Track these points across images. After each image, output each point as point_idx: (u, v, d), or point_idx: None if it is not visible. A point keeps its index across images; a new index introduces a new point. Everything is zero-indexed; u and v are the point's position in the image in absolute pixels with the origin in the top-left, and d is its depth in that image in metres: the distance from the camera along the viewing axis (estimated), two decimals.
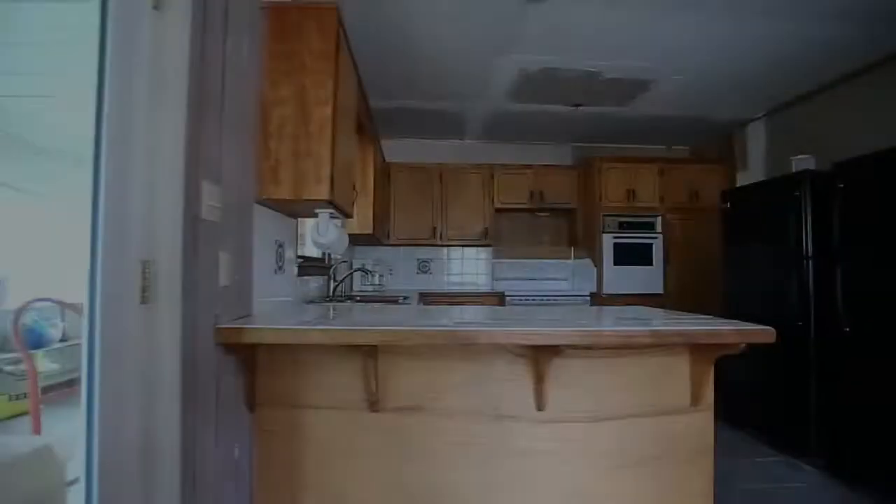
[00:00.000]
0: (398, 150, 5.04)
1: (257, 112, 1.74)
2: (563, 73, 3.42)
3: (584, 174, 4.84)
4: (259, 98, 1.75)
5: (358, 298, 3.21)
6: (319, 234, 2.13)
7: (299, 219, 2.53)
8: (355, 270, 4.27)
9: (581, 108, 4.13)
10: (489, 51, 3.12)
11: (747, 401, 3.31)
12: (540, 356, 1.54)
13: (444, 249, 5.12)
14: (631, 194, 4.58)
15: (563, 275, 5.09)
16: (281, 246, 2.08)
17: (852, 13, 2.64)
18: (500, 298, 4.50)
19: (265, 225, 1.87)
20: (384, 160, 4.63)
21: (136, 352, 1.05)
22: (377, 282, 4.44)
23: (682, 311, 2.11)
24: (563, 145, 5.31)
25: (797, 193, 2.91)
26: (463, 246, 5.03)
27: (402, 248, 5.04)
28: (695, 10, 2.62)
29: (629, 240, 4.51)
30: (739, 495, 2.40)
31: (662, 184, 4.63)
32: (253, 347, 1.53)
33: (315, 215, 2.13)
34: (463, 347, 1.61)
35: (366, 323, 1.43)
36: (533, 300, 4.48)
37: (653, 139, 5.10)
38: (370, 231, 3.49)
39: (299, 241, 2.61)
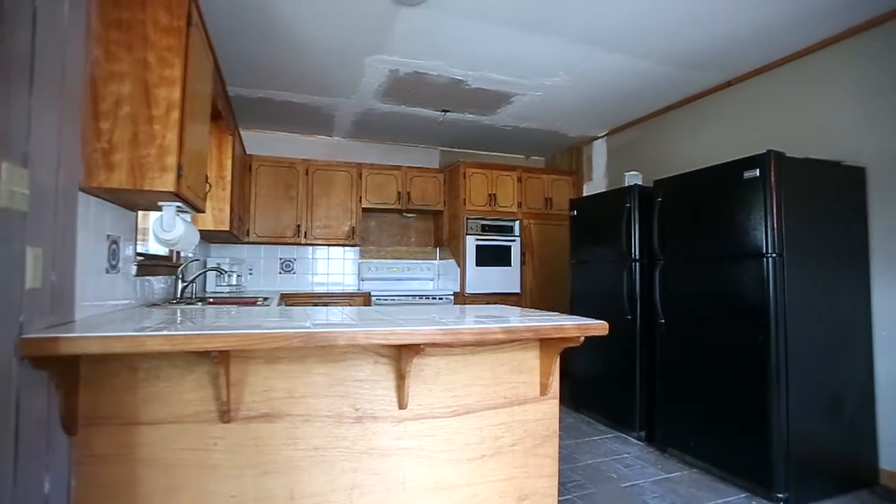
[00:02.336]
0: (262, 142, 4.75)
1: (85, 86, 1.50)
2: (431, 78, 3.52)
3: (450, 178, 5.03)
4: (87, 70, 1.51)
5: (211, 300, 2.94)
6: (164, 229, 1.92)
7: (142, 212, 2.25)
8: (208, 270, 3.91)
9: (448, 113, 4.29)
10: (360, 48, 3.09)
11: (588, 387, 3.73)
12: (402, 355, 1.57)
13: (310, 248, 4.94)
14: (492, 199, 4.88)
15: (429, 275, 5.23)
16: (115, 242, 1.82)
17: (675, 57, 3.14)
18: (366, 299, 4.47)
19: (95, 217, 1.63)
20: (245, 152, 4.32)
21: None
22: (234, 282, 4.11)
23: (537, 308, 2.30)
24: (431, 149, 5.46)
25: (627, 205, 3.36)
26: (329, 245, 4.90)
27: (263, 246, 4.75)
28: (549, 35, 2.88)
29: (490, 242, 4.79)
30: (580, 470, 2.70)
31: (521, 190, 5.01)
32: (75, 360, 1.32)
33: (159, 208, 1.91)
34: (324, 350, 1.56)
35: (217, 327, 1.32)
36: (399, 300, 4.53)
37: (514, 148, 5.50)
38: (227, 228, 3.23)
39: (141, 237, 2.32)
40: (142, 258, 2.27)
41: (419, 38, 2.94)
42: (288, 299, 4.17)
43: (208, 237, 3.74)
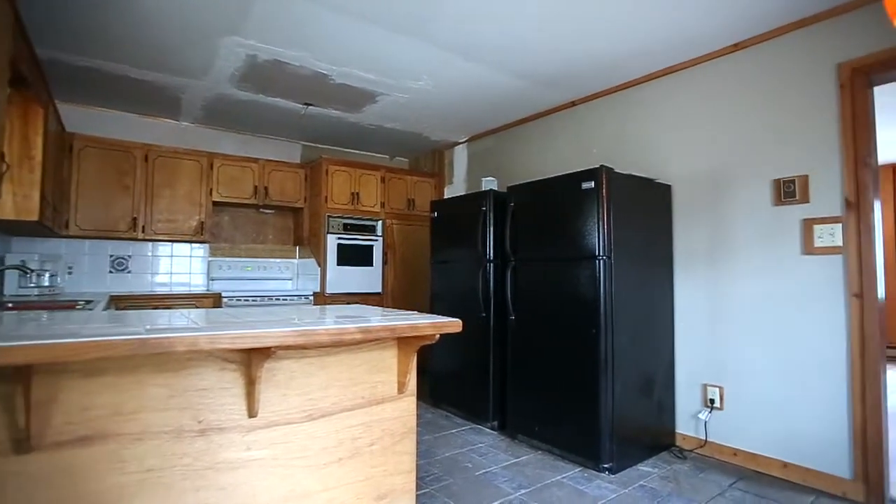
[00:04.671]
0: (89, 120, 4.10)
1: None
2: (293, 68, 3.36)
3: (312, 174, 4.86)
4: None
5: (10, 305, 2.45)
6: None
7: None
8: (8, 268, 3.25)
9: (311, 107, 4.14)
10: (214, 27, 2.82)
11: (446, 382, 3.88)
12: (252, 360, 1.47)
13: (149, 245, 4.39)
14: (355, 197, 4.83)
15: (288, 274, 4.99)
16: None
17: (532, 74, 3.41)
18: (216, 300, 4.11)
19: None
20: (64, 130, 3.68)
21: None
22: (47, 283, 3.48)
23: (399, 308, 2.33)
24: (292, 143, 5.22)
25: (484, 208, 3.58)
26: (173, 241, 4.40)
27: (88, 241, 4.10)
28: (416, 39, 2.94)
29: (352, 241, 4.73)
30: (438, 463, 2.80)
31: (384, 190, 5.03)
32: None
33: None
34: (161, 358, 1.40)
35: (16, 336, 1.10)
36: (254, 301, 4.25)
37: (378, 148, 5.50)
38: (35, 218, 2.71)
39: None
40: None
41: (281, 24, 2.79)
42: (120, 302, 3.65)
43: (8, 229, 3.11)
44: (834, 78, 2.54)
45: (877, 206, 2.45)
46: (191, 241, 4.46)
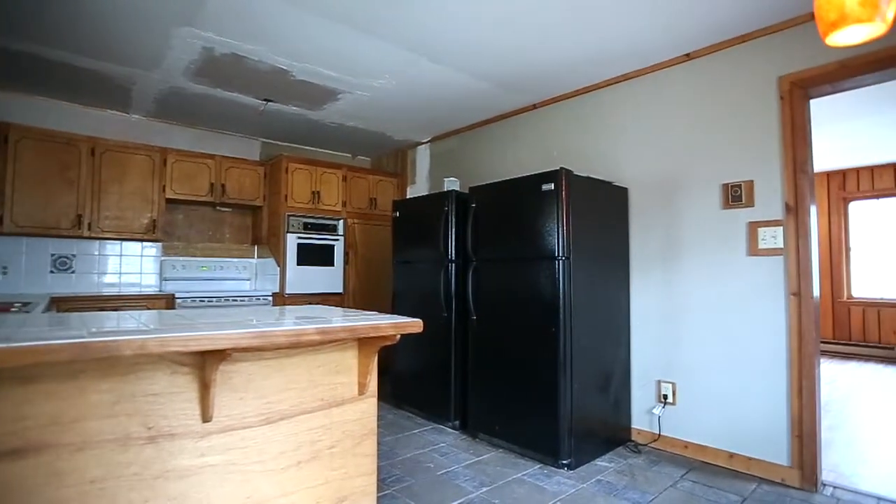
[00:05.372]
0: (26, 110, 3.87)
1: None
2: (252, 63, 3.27)
3: (271, 172, 4.74)
4: None
5: None
6: None
7: None
8: None
9: (271, 103, 4.04)
10: (167, 16, 2.71)
11: (408, 383, 3.87)
12: (206, 363, 1.43)
13: (96, 243, 4.17)
14: (316, 196, 4.74)
15: (246, 275, 4.86)
16: None
17: (495, 77, 3.45)
18: (169, 301, 3.96)
19: None
20: None
21: None
22: None
23: (360, 308, 2.30)
24: (251, 139, 5.08)
25: (446, 208, 3.59)
26: (122, 240, 4.20)
27: (25, 238, 3.86)
28: (379, 38, 2.91)
29: (313, 241, 4.65)
30: (399, 464, 2.79)
31: (346, 189, 4.97)
32: None
33: None
34: (106, 362, 1.34)
35: None
36: (210, 302, 4.11)
37: (340, 146, 5.43)
38: None
39: None
40: None
41: (239, 17, 2.71)
42: (63, 304, 3.46)
43: None
44: (775, 90, 2.68)
45: (813, 210, 2.61)
46: (142, 240, 4.27)
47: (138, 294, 3.96)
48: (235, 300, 4.25)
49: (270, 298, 4.45)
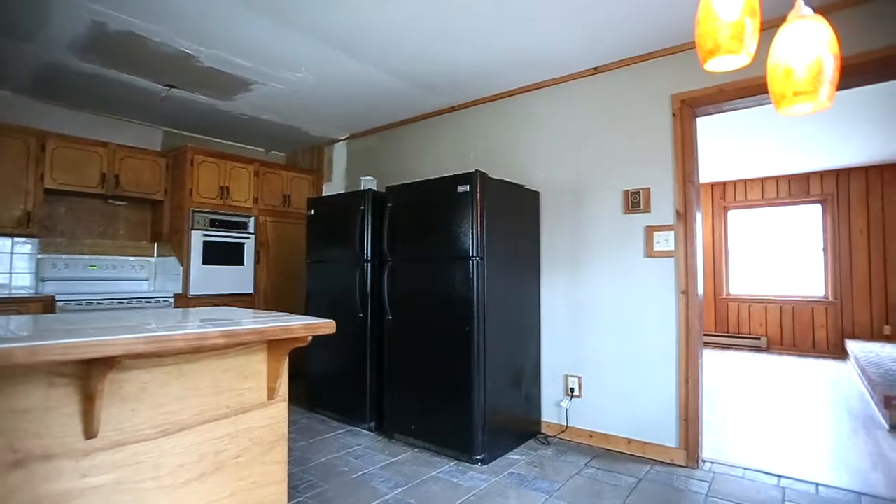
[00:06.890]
0: None
1: None
2: (153, 44, 3.01)
3: (174, 163, 4.39)
4: None
5: None
6: None
7: None
8: None
9: (174, 90, 3.75)
10: None
11: (323, 386, 3.77)
12: (91, 372, 1.29)
13: None
14: (225, 191, 4.47)
15: (144, 275, 4.46)
16: None
17: (414, 76, 3.45)
18: (47, 304, 3.53)
19: None
20: None
21: None
22: None
23: (272, 310, 2.20)
24: (152, 128, 4.67)
25: (362, 207, 3.54)
26: None
27: None
28: (295, 29, 2.80)
29: (221, 238, 4.38)
30: (313, 469, 2.71)
31: (258, 185, 4.73)
32: None
33: None
34: None
35: None
36: (100, 305, 3.73)
37: (253, 140, 5.16)
38: None
39: None
40: None
41: None
42: None
43: None
44: (669, 107, 2.95)
45: (698, 217, 2.90)
46: (12, 235, 3.76)
47: (7, 297, 3.49)
48: (131, 302, 3.89)
49: (172, 300, 4.12)
